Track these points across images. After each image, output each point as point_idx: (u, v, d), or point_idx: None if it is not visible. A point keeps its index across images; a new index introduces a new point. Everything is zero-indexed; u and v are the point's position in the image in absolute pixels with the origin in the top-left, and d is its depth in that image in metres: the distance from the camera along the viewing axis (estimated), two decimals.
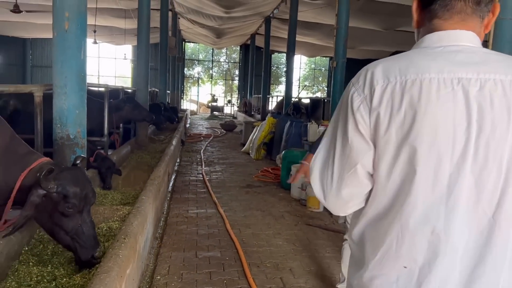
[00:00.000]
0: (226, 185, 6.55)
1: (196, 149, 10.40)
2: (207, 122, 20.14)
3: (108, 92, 6.07)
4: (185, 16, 16.83)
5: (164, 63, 13.07)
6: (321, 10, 13.45)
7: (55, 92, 3.26)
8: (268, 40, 17.29)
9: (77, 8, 3.15)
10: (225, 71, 33.98)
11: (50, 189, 2.47)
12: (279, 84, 33.81)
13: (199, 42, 26.50)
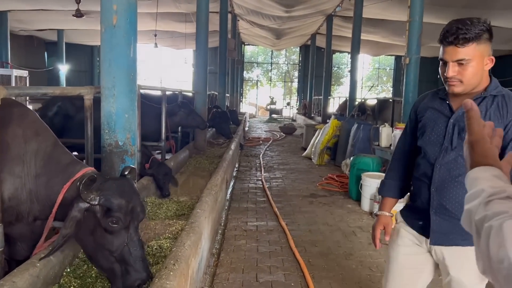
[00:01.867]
0: (288, 193, 6.06)
1: (255, 153, 10.02)
2: (265, 125, 19.79)
3: (165, 95, 5.84)
4: (244, 18, 16.60)
5: (223, 66, 12.86)
6: (387, 5, 12.56)
7: (103, 94, 2.96)
8: (329, 39, 16.61)
9: (126, 0, 2.82)
10: (284, 73, 33.54)
11: (91, 200, 2.11)
12: (340, 85, 32.78)
13: (258, 45, 26.30)
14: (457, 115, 1.69)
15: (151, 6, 12.51)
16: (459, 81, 1.61)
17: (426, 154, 1.76)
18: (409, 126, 1.93)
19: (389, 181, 2.00)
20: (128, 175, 2.38)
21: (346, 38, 18.42)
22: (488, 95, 1.66)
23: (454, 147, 1.68)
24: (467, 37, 1.58)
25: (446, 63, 1.63)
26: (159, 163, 4.91)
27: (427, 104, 1.83)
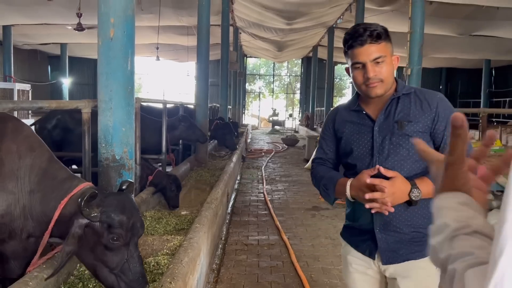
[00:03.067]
0: (290, 206, 5.98)
1: (257, 165, 9.96)
2: (268, 136, 19.75)
3: (165, 108, 5.82)
4: (246, 31, 16.68)
5: (225, 79, 12.88)
6: (387, 16, 12.62)
7: (100, 107, 2.92)
8: (331, 51, 16.65)
9: (123, 13, 2.80)
10: (286, 84, 33.64)
11: (92, 217, 2.07)
12: (342, 96, 32.81)
13: (260, 57, 26.42)
14: (379, 122, 1.62)
15: (153, 19, 12.59)
16: (380, 81, 1.54)
17: (357, 171, 1.60)
18: (327, 142, 1.80)
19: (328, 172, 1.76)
20: (125, 189, 2.33)
21: None
22: (401, 95, 1.60)
23: (387, 155, 1.59)
24: (379, 33, 1.53)
25: (361, 66, 1.54)
26: (168, 174, 4.87)
27: (343, 118, 1.73)
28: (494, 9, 11.13)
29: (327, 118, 1.83)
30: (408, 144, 1.57)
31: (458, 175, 0.72)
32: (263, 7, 12.30)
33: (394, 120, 1.60)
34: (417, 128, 1.58)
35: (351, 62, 1.59)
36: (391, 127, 1.60)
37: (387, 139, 1.59)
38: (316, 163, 1.83)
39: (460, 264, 0.58)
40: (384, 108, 1.63)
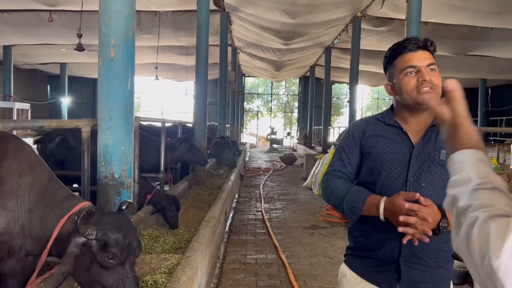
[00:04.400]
0: (288, 225, 5.97)
1: (255, 183, 9.96)
2: (266, 155, 19.78)
3: (164, 127, 5.87)
4: (244, 51, 16.89)
5: (223, 98, 12.99)
6: (383, 37, 12.82)
7: (100, 126, 2.96)
8: (328, 70, 16.84)
9: (124, 34, 2.87)
10: (284, 103, 33.86)
11: (88, 234, 2.08)
12: (340, 115, 32.99)
13: (258, 76, 26.66)
14: (419, 145, 1.53)
15: (152, 39, 12.76)
16: (433, 87, 1.46)
17: (385, 194, 1.48)
18: (349, 154, 1.63)
19: (352, 187, 1.58)
20: (125, 209, 2.35)
21: (345, 69, 18.70)
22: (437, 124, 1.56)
23: (421, 182, 1.50)
24: (433, 42, 1.52)
25: (414, 71, 1.48)
26: (167, 194, 4.87)
27: (376, 132, 1.59)
28: (488, 30, 11.33)
29: (352, 128, 1.68)
30: (444, 174, 1.50)
31: (470, 134, 0.83)
32: (260, 27, 12.49)
33: (435, 147, 1.52)
34: None
35: (401, 69, 1.51)
36: (432, 154, 1.51)
37: (426, 166, 1.50)
38: (332, 175, 1.63)
39: (482, 213, 0.67)
40: (425, 132, 1.55)
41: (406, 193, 1.39)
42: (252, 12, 11.22)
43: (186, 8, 11.01)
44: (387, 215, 1.42)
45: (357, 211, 1.51)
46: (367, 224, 1.57)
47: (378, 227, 1.51)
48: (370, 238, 1.58)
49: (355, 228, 1.66)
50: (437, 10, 9.31)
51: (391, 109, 1.64)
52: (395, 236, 1.47)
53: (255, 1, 10.16)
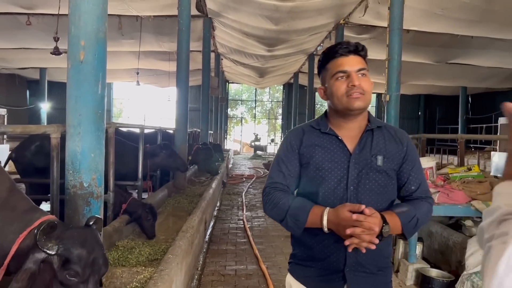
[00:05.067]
0: (270, 234, 5.84)
1: (237, 191, 9.82)
2: (250, 161, 19.66)
3: (143, 133, 5.71)
4: (227, 57, 16.79)
5: (206, 104, 12.86)
6: (366, 44, 12.79)
7: (68, 132, 2.80)
8: (312, 77, 16.86)
9: (94, 36, 2.72)
10: (268, 110, 33.86)
11: (48, 249, 1.91)
12: None
13: (242, 83, 26.59)
14: (356, 152, 1.52)
15: (134, 45, 12.57)
16: (363, 93, 1.47)
17: (327, 204, 1.47)
18: (288, 165, 1.59)
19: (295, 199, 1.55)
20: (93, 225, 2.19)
21: None
22: (375, 127, 1.55)
23: (361, 189, 1.50)
24: (364, 47, 1.52)
25: (345, 76, 1.48)
26: (143, 203, 4.72)
27: (313, 141, 1.57)
28: (468, 38, 11.47)
29: (289, 138, 1.64)
30: (381, 179, 1.51)
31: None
32: (244, 34, 12.42)
33: (371, 153, 1.52)
34: (391, 166, 1.54)
35: (332, 73, 1.52)
36: (369, 161, 1.52)
37: (364, 173, 1.51)
38: (273, 188, 1.59)
39: (496, 241, 0.60)
40: (360, 138, 1.55)
41: (351, 205, 1.38)
42: (235, 18, 11.14)
43: (168, 13, 10.87)
44: (332, 227, 1.42)
45: (301, 224, 1.48)
46: (311, 236, 1.53)
47: (323, 238, 1.51)
48: (315, 249, 1.56)
49: (299, 239, 1.60)
50: (419, 18, 9.38)
51: (325, 116, 1.62)
52: (340, 246, 1.46)
53: (238, 7, 10.08)
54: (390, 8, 7.34)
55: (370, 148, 1.53)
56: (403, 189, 1.57)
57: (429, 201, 1.57)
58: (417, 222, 1.49)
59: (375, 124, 1.58)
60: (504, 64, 15.17)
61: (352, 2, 9.91)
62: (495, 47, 12.30)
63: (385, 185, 1.53)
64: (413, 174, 1.56)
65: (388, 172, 1.52)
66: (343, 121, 1.56)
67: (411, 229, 1.49)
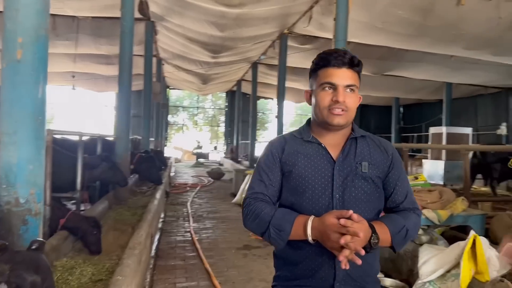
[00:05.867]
0: (219, 246, 5.63)
1: (182, 201, 9.48)
2: (192, 170, 19.25)
3: (82, 141, 5.30)
4: (170, 62, 16.37)
5: (147, 110, 12.40)
6: (309, 54, 13.14)
7: (2, 141, 2.45)
8: (255, 85, 16.92)
9: (34, 32, 2.41)
10: (210, 117, 33.55)
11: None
12: (265, 130, 33.46)
13: (184, 89, 26.10)
14: (340, 160, 1.47)
15: (69, 46, 11.83)
16: (345, 110, 1.43)
17: (313, 213, 1.40)
18: (270, 174, 1.51)
19: (277, 210, 1.45)
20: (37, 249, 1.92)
21: (270, 85, 18.94)
22: (359, 136, 1.52)
23: (347, 197, 1.44)
24: (359, 61, 1.46)
25: (332, 89, 1.44)
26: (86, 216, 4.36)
27: (296, 149, 1.51)
28: (403, 51, 12.09)
29: (270, 147, 1.57)
30: (367, 187, 1.46)
31: None
32: (188, 39, 12.16)
33: (356, 160, 1.47)
34: (377, 173, 1.48)
35: (320, 82, 1.46)
36: (353, 168, 1.46)
37: (349, 180, 1.45)
38: (254, 198, 1.49)
39: None
40: (344, 145, 1.50)
41: (338, 212, 1.30)
42: (179, 22, 10.86)
43: (108, 15, 10.35)
44: (317, 236, 1.34)
45: (284, 235, 1.39)
46: (296, 250, 1.44)
47: (310, 252, 1.43)
48: (301, 265, 1.46)
49: (282, 255, 1.50)
50: (359, 30, 9.69)
51: (307, 125, 1.58)
52: (329, 259, 1.39)
53: (182, 11, 9.83)
54: (335, 19, 7.48)
55: (354, 155, 1.49)
56: (390, 200, 1.51)
57: (417, 212, 1.51)
58: (406, 234, 1.42)
59: (359, 133, 1.54)
60: (434, 77, 16.22)
61: (297, 12, 10.04)
62: (427, 60, 13.09)
63: (371, 193, 1.47)
64: (400, 184, 1.51)
65: (373, 179, 1.47)
66: (325, 131, 1.52)
67: (401, 240, 1.42)
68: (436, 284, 3.11)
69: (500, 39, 9.31)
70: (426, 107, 23.36)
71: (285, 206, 1.49)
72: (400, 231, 1.40)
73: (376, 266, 1.52)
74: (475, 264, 2.81)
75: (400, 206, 1.50)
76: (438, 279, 3.10)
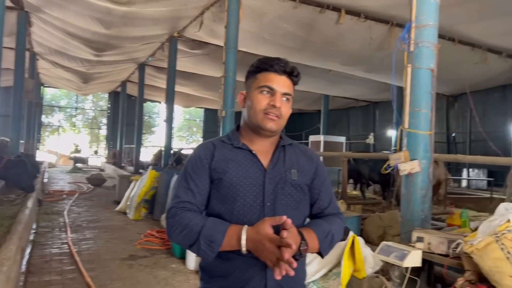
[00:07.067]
0: (102, 257, 5.28)
1: (58, 210, 8.68)
2: (69, 175, 17.79)
3: None
4: (45, 58, 14.91)
5: (18, 109, 11.08)
6: (198, 60, 13.18)
7: None
8: (142, 87, 16.30)
9: None
10: (91, 119, 31.36)
11: None
12: (152, 134, 32.49)
13: (61, 87, 23.98)
14: (270, 167, 1.47)
15: None
16: (279, 116, 1.44)
17: (243, 223, 1.36)
18: (198, 182, 1.45)
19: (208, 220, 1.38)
20: None
21: (157, 87, 18.46)
22: (287, 144, 1.57)
23: (277, 205, 1.44)
24: (299, 73, 1.50)
25: (270, 93, 1.44)
26: None
27: (226, 156, 1.47)
28: None
29: (198, 153, 1.49)
30: (296, 194, 1.48)
31: None
32: (68, 34, 11.22)
33: (285, 167, 1.48)
34: (305, 180, 1.52)
35: (259, 85, 1.45)
36: (283, 175, 1.47)
37: (279, 188, 1.45)
38: (181, 208, 1.40)
39: None
40: (273, 153, 1.51)
41: (272, 219, 1.29)
42: (58, 15, 9.97)
43: None
44: (251, 247, 1.29)
45: (216, 247, 1.32)
46: (226, 261, 1.39)
47: (240, 263, 1.38)
48: (231, 277, 1.40)
49: (210, 267, 1.44)
50: (248, 40, 9.99)
51: (236, 131, 1.56)
52: (260, 270, 1.37)
53: (63, 4, 9.04)
54: (226, 27, 7.61)
55: (284, 162, 1.50)
56: (315, 206, 1.55)
57: (340, 217, 1.56)
58: (332, 238, 1.46)
59: (287, 142, 1.56)
60: (314, 89, 17.47)
61: (188, 16, 9.97)
62: (308, 73, 14.02)
63: (299, 200, 1.49)
64: (324, 190, 1.56)
65: (302, 187, 1.50)
66: (256, 137, 1.50)
67: (327, 245, 1.45)
68: (319, 283, 3.33)
69: (371, 57, 10.43)
70: (306, 116, 25.05)
71: (213, 215, 1.42)
72: (326, 236, 1.43)
73: (304, 272, 1.53)
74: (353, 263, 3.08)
75: (325, 211, 1.55)
76: (321, 279, 3.32)
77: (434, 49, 3.60)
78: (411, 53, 3.62)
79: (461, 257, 2.79)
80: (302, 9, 8.28)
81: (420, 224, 3.52)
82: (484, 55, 10.10)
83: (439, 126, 17.29)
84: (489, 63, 10.27)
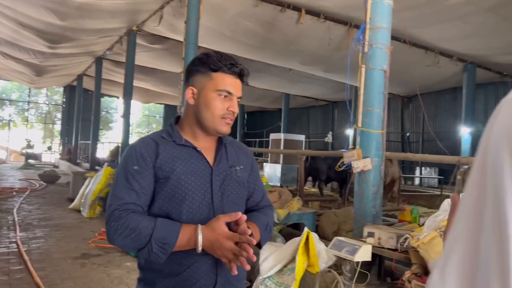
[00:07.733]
0: (53, 256, 5.09)
1: (6, 208, 8.29)
2: (20, 172, 17.01)
3: None
4: None
5: None
6: (158, 54, 12.97)
7: None
8: (99, 82, 15.82)
9: None
10: (44, 113, 30.10)
11: None
12: (109, 129, 31.63)
13: (12, 80, 22.84)
14: (215, 165, 1.46)
15: None
16: (233, 119, 1.47)
17: (193, 222, 1.35)
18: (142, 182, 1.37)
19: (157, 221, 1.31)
20: None
21: (115, 82, 17.97)
22: (228, 141, 1.57)
23: (224, 202, 1.44)
24: (248, 73, 1.52)
25: (228, 97, 1.43)
26: None
27: (171, 153, 1.42)
28: (249, 61, 12.81)
29: (139, 150, 1.40)
30: (240, 190, 1.50)
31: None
32: (20, 24, 10.70)
33: (229, 164, 1.50)
34: (245, 176, 1.55)
35: (217, 88, 1.42)
36: (228, 172, 1.48)
37: (226, 184, 1.46)
38: (125, 210, 1.33)
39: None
40: (216, 149, 1.52)
41: (227, 216, 1.30)
42: (9, 4, 9.48)
43: None
44: (207, 245, 1.28)
45: (169, 248, 1.28)
46: (176, 260, 1.35)
47: (192, 262, 1.35)
48: (181, 275, 1.36)
49: (158, 267, 1.38)
50: (209, 36, 9.93)
51: (175, 126, 1.51)
52: (211, 267, 1.38)
53: None
54: (186, 23, 7.53)
55: (227, 159, 1.51)
56: (250, 200, 1.57)
57: (271, 208, 1.63)
58: (270, 230, 1.51)
59: (227, 139, 1.56)
60: (275, 88, 17.63)
61: (147, 10, 9.78)
62: (269, 72, 14.15)
63: (242, 196, 1.52)
64: (258, 184, 1.61)
65: (244, 183, 1.53)
66: (201, 134, 1.48)
67: (266, 236, 1.50)
68: (274, 279, 3.37)
69: (330, 57, 10.64)
70: (267, 114, 25.24)
71: (160, 215, 1.36)
72: (266, 228, 1.49)
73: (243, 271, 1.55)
74: (307, 258, 3.14)
75: (259, 204, 1.58)
76: (276, 274, 3.37)
77: (387, 51, 3.73)
78: (365, 54, 3.73)
79: (409, 251, 2.92)
80: (263, 7, 8.33)
81: (372, 220, 3.64)
82: (437, 58, 10.56)
83: (394, 126, 17.93)
84: (441, 66, 10.76)
